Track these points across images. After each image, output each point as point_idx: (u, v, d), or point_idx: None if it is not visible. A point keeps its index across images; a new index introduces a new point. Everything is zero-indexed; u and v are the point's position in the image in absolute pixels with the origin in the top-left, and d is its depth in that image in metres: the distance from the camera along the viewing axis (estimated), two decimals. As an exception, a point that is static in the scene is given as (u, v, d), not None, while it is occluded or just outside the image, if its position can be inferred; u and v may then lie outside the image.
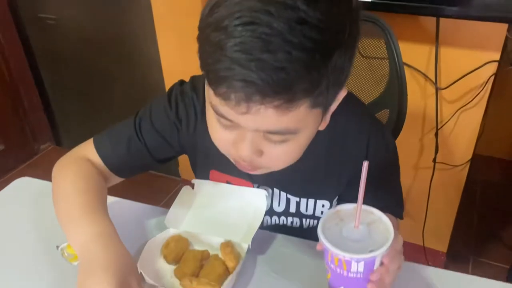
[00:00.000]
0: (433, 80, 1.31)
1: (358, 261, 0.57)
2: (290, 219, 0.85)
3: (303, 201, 0.82)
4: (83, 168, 0.76)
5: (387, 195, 0.79)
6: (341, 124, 0.74)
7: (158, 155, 0.81)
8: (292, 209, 0.84)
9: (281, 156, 0.64)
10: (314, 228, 0.62)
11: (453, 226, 1.61)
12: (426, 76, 1.32)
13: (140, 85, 1.98)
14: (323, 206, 0.82)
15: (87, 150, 0.79)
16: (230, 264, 0.70)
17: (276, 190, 0.82)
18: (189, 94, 0.78)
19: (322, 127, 0.67)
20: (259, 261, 0.74)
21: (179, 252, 0.73)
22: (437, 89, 1.32)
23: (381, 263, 0.59)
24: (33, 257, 0.76)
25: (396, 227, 0.67)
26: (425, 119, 1.41)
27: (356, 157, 0.74)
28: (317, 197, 0.81)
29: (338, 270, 0.60)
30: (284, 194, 0.82)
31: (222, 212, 0.82)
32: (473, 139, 1.40)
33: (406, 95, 0.98)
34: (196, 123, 0.78)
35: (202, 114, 0.74)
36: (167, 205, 0.81)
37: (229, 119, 0.59)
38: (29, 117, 2.32)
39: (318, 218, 0.83)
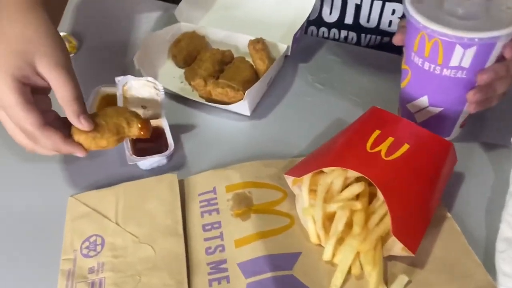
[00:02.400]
0: None
1: (466, 46, 0.36)
2: (344, 33, 0.65)
3: (366, 4, 0.62)
4: None
5: None
6: None
7: None
8: (349, 18, 0.64)
9: None
10: (376, 48, 0.42)
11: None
12: None
13: None
14: (393, 13, 0.61)
15: None
16: (260, 65, 0.51)
17: None
18: None
19: None
20: (301, 70, 0.56)
21: (192, 51, 0.55)
22: None
23: (498, 59, 0.38)
24: None
25: None
26: None
27: None
28: None
29: (427, 66, 0.39)
30: (340, -7, 0.61)
31: (253, 11, 0.63)
32: None
33: None
34: None
35: None
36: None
37: None
38: None
39: (383, 34, 0.63)
